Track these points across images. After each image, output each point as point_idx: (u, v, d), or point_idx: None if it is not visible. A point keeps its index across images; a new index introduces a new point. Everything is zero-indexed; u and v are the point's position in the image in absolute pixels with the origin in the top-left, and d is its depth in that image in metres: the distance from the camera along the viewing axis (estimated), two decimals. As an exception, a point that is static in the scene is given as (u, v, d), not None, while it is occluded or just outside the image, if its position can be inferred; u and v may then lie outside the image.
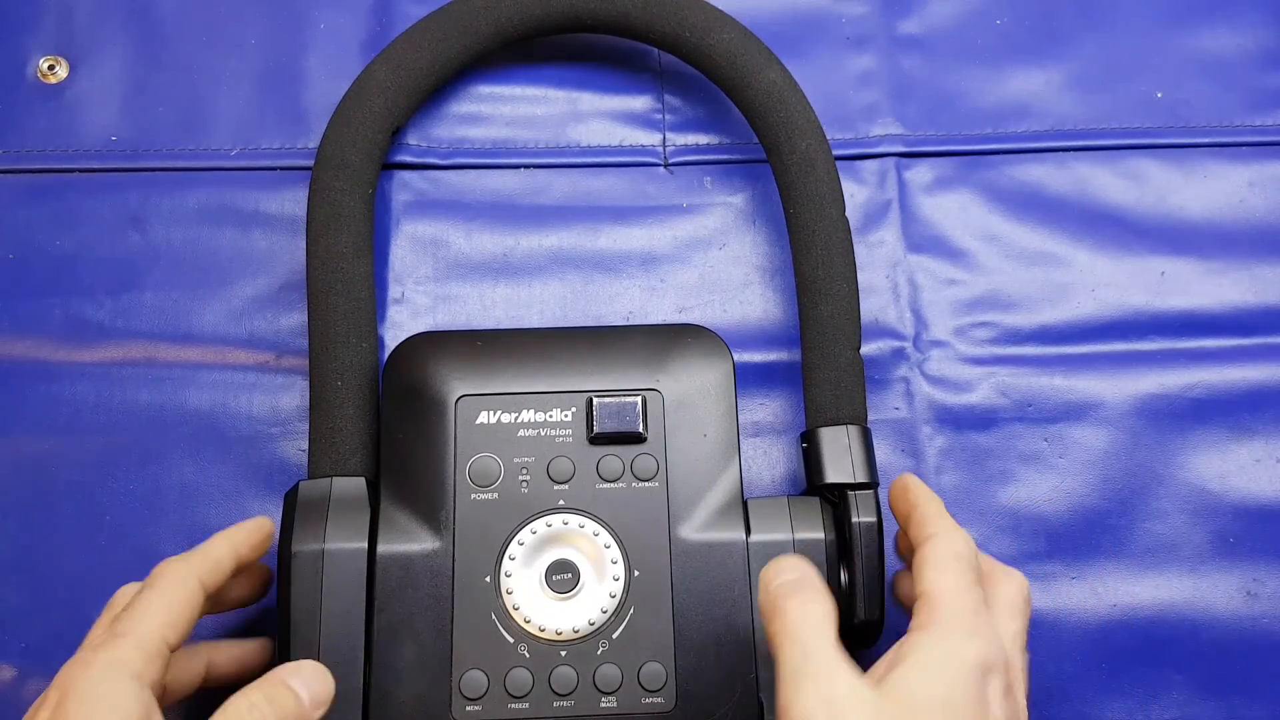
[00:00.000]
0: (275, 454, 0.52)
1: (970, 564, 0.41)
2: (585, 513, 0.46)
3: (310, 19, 0.60)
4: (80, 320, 0.54)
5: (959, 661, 0.37)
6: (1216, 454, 0.53)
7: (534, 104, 0.59)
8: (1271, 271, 0.56)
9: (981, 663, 0.37)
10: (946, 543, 0.42)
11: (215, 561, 0.43)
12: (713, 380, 0.48)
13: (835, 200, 0.51)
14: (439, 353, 0.49)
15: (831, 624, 0.38)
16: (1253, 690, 0.50)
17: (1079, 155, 0.58)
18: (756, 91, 0.53)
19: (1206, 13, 0.61)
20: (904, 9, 0.61)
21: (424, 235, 0.56)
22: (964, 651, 0.37)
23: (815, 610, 0.38)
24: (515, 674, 0.44)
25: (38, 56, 0.58)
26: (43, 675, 0.49)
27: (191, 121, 0.58)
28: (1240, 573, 0.51)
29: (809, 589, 0.39)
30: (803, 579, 0.40)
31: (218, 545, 0.44)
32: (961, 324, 0.55)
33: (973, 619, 0.39)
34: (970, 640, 0.38)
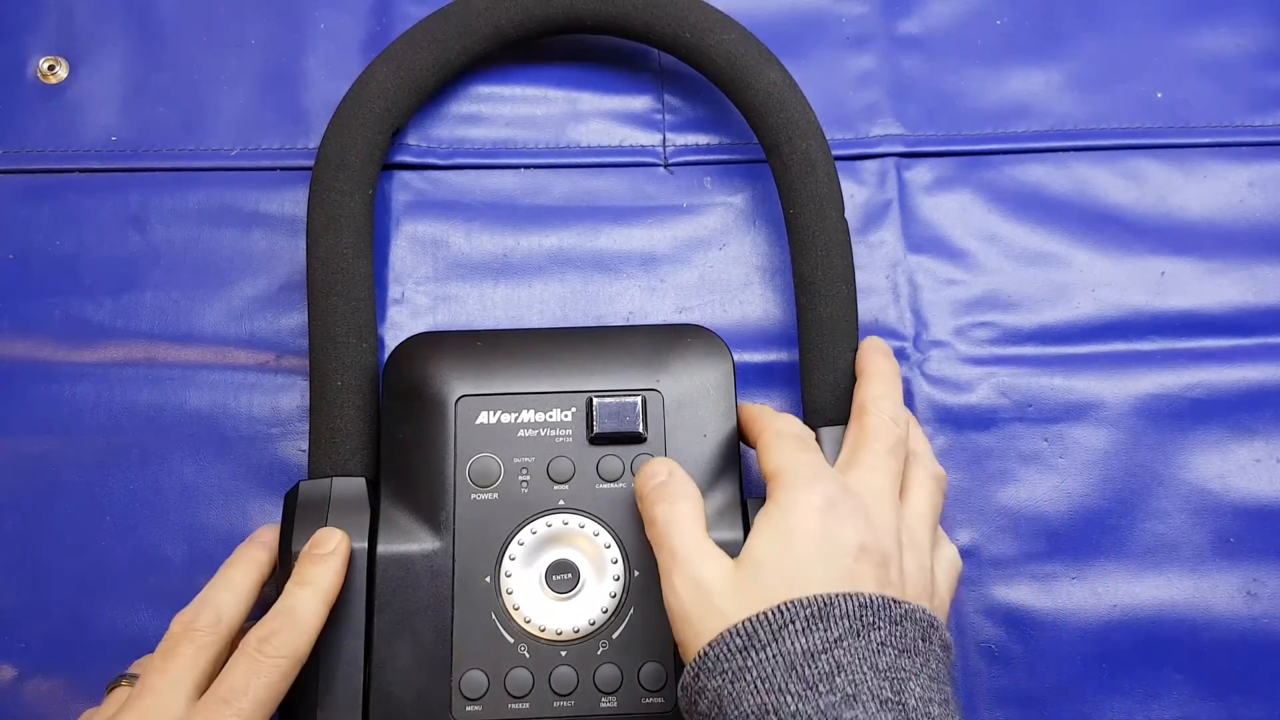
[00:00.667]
0: (275, 454, 0.52)
1: (794, 435, 0.44)
2: (585, 513, 0.46)
3: (310, 19, 0.60)
4: (80, 320, 0.54)
5: (796, 513, 0.40)
6: (1216, 454, 0.53)
7: (534, 104, 0.59)
8: (1271, 271, 0.56)
9: (818, 505, 0.41)
10: (771, 427, 0.45)
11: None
12: (713, 380, 0.49)
13: (835, 201, 0.51)
14: (439, 353, 0.49)
15: (697, 518, 0.42)
16: (1253, 690, 0.50)
17: (1079, 155, 0.58)
18: (756, 92, 0.53)
19: (1206, 13, 0.61)
20: (904, 9, 0.61)
21: (424, 235, 0.56)
22: (799, 503, 0.41)
23: (681, 508, 0.42)
24: (515, 674, 0.44)
25: (38, 56, 0.58)
26: (43, 675, 0.49)
27: (191, 121, 0.58)
28: (1240, 573, 0.51)
29: (673, 488, 0.43)
30: (669, 480, 0.43)
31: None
32: (961, 324, 0.55)
33: (806, 475, 0.42)
34: (804, 492, 0.41)
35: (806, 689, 0.36)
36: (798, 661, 0.37)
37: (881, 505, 0.42)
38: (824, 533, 0.40)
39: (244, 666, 0.40)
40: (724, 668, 0.38)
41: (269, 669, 0.40)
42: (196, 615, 0.42)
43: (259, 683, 0.40)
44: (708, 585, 0.39)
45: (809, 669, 0.37)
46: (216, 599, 0.43)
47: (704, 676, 0.38)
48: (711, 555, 0.40)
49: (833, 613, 0.38)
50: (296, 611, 0.42)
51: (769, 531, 0.40)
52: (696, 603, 0.39)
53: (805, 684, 0.36)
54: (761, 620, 0.38)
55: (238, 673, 0.40)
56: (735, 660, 0.37)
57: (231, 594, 0.44)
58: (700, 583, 0.40)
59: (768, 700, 0.36)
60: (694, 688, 0.39)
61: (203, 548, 0.51)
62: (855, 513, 0.41)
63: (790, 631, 0.37)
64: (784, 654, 0.37)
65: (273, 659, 0.41)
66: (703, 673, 0.38)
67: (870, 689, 0.36)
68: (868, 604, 0.38)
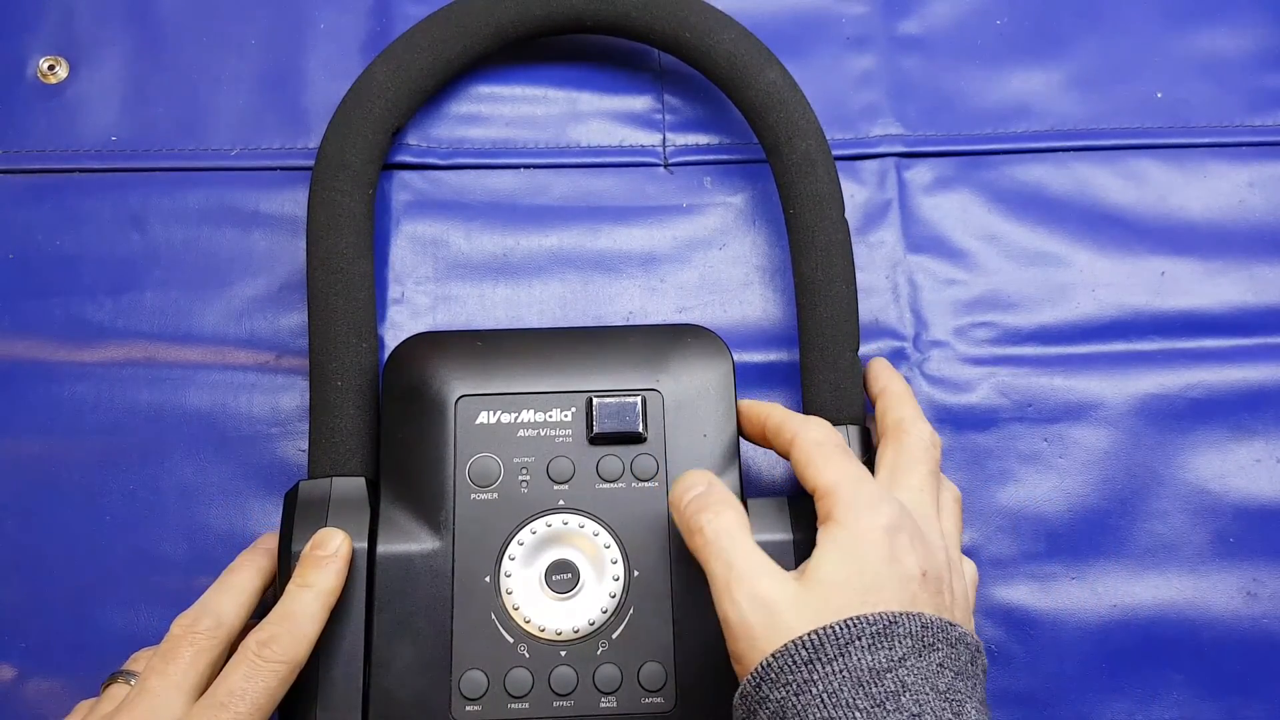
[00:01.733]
0: (275, 454, 0.52)
1: (837, 445, 0.44)
2: (585, 513, 0.46)
3: (310, 19, 0.60)
4: (80, 320, 0.54)
5: (863, 534, 0.40)
6: (1216, 454, 0.53)
7: (534, 104, 0.59)
8: (1271, 271, 0.56)
9: (884, 526, 0.40)
10: (807, 436, 0.44)
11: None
12: (713, 380, 0.48)
13: (835, 201, 0.51)
14: (439, 353, 0.49)
15: (745, 529, 0.41)
16: (1253, 690, 0.50)
17: (1079, 155, 0.58)
18: (756, 92, 0.53)
19: (1206, 13, 0.61)
20: (904, 9, 0.61)
21: (424, 235, 0.56)
22: (864, 524, 0.40)
23: (729, 519, 0.41)
24: (515, 674, 0.44)
25: (38, 56, 0.58)
26: (43, 675, 0.49)
27: (191, 121, 0.58)
28: (1240, 573, 0.51)
29: (717, 500, 0.42)
30: (709, 490, 0.43)
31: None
32: (961, 324, 0.55)
33: (869, 495, 0.41)
34: (869, 514, 0.41)
35: (874, 706, 0.36)
36: (864, 678, 0.37)
37: (932, 529, 0.43)
38: (890, 555, 0.40)
39: (242, 670, 0.40)
40: (788, 679, 0.37)
41: (267, 673, 0.41)
42: (197, 619, 0.42)
43: (257, 686, 0.40)
44: (772, 600, 0.39)
45: (875, 686, 0.37)
46: (217, 603, 0.43)
47: (766, 687, 0.38)
48: (771, 569, 0.40)
49: (897, 631, 0.38)
50: (296, 615, 0.42)
51: (835, 551, 0.40)
52: (758, 616, 0.39)
53: (872, 701, 0.36)
54: (828, 633, 0.37)
55: (236, 676, 0.40)
56: (800, 673, 0.37)
57: (232, 599, 0.44)
58: (762, 597, 0.39)
59: (835, 715, 0.36)
60: (755, 697, 0.38)
61: (203, 548, 0.51)
62: (916, 537, 0.41)
63: (856, 647, 0.37)
64: (851, 669, 0.37)
65: (271, 663, 0.41)
66: (765, 683, 0.38)
67: (933, 710, 0.36)
68: (929, 625, 0.38)
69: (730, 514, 0.42)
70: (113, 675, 0.44)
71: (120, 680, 0.43)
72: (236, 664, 0.41)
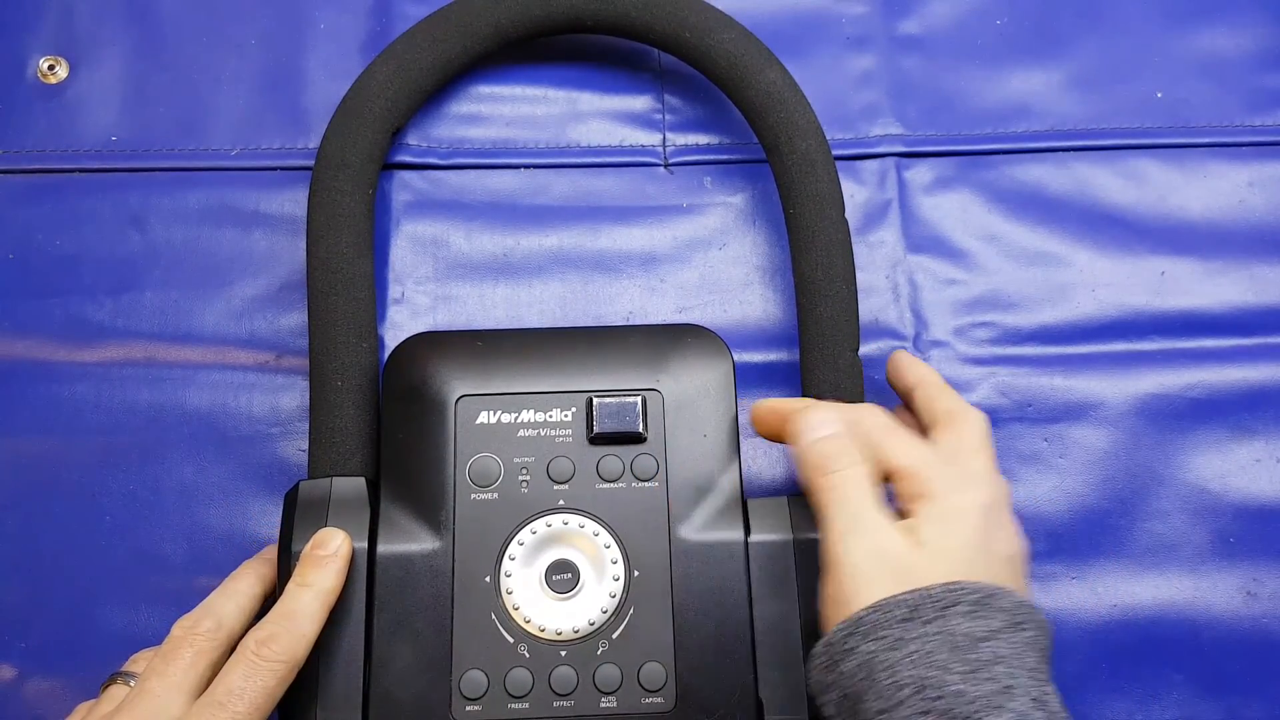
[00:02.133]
0: (275, 454, 0.52)
1: (898, 427, 0.45)
2: (585, 513, 0.46)
3: (310, 19, 0.60)
4: (80, 320, 0.54)
5: (962, 511, 0.42)
6: (1216, 454, 0.53)
7: (534, 104, 0.59)
8: (1271, 271, 0.56)
9: (981, 505, 0.42)
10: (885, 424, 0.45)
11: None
12: (713, 380, 0.48)
13: (835, 200, 0.51)
14: (439, 353, 0.49)
15: (873, 484, 0.43)
16: (1253, 690, 0.50)
17: (1079, 155, 0.58)
18: (756, 92, 0.53)
19: (1206, 13, 0.61)
20: (904, 9, 0.61)
21: (424, 235, 0.56)
22: (963, 502, 0.42)
23: (859, 473, 0.43)
24: (515, 674, 0.44)
25: (38, 56, 0.58)
26: (43, 675, 0.49)
27: (191, 121, 0.58)
28: (1240, 573, 0.51)
29: (847, 451, 0.43)
30: (839, 436, 0.44)
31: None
32: (961, 324, 0.55)
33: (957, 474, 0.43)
34: (965, 492, 0.42)
35: (969, 672, 0.37)
36: (960, 643, 0.38)
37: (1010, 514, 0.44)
38: (985, 533, 0.42)
39: (241, 669, 0.40)
40: (881, 634, 0.38)
41: (266, 672, 0.41)
42: (197, 620, 0.43)
43: (255, 685, 0.40)
44: (888, 555, 0.40)
45: (971, 653, 0.37)
46: (219, 606, 0.44)
47: (856, 639, 0.39)
48: (892, 527, 0.41)
49: (995, 604, 0.39)
50: (296, 615, 0.42)
51: (938, 524, 0.41)
52: (868, 567, 0.40)
53: (967, 666, 0.37)
54: (926, 596, 0.38)
55: (235, 675, 0.40)
56: (895, 630, 0.38)
57: (234, 603, 0.44)
58: (880, 551, 0.40)
59: (929, 675, 0.37)
60: (841, 647, 0.39)
61: (202, 547, 0.51)
62: (1005, 521, 0.43)
63: (955, 613, 0.38)
64: (948, 633, 0.38)
65: (270, 662, 0.41)
66: (855, 634, 0.39)
67: (1024, 685, 0.37)
68: (1020, 604, 0.40)
69: (862, 468, 0.43)
70: (112, 676, 0.44)
71: (120, 681, 0.43)
72: (235, 663, 0.41)
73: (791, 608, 0.45)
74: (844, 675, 0.39)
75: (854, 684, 0.39)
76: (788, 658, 0.45)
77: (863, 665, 0.38)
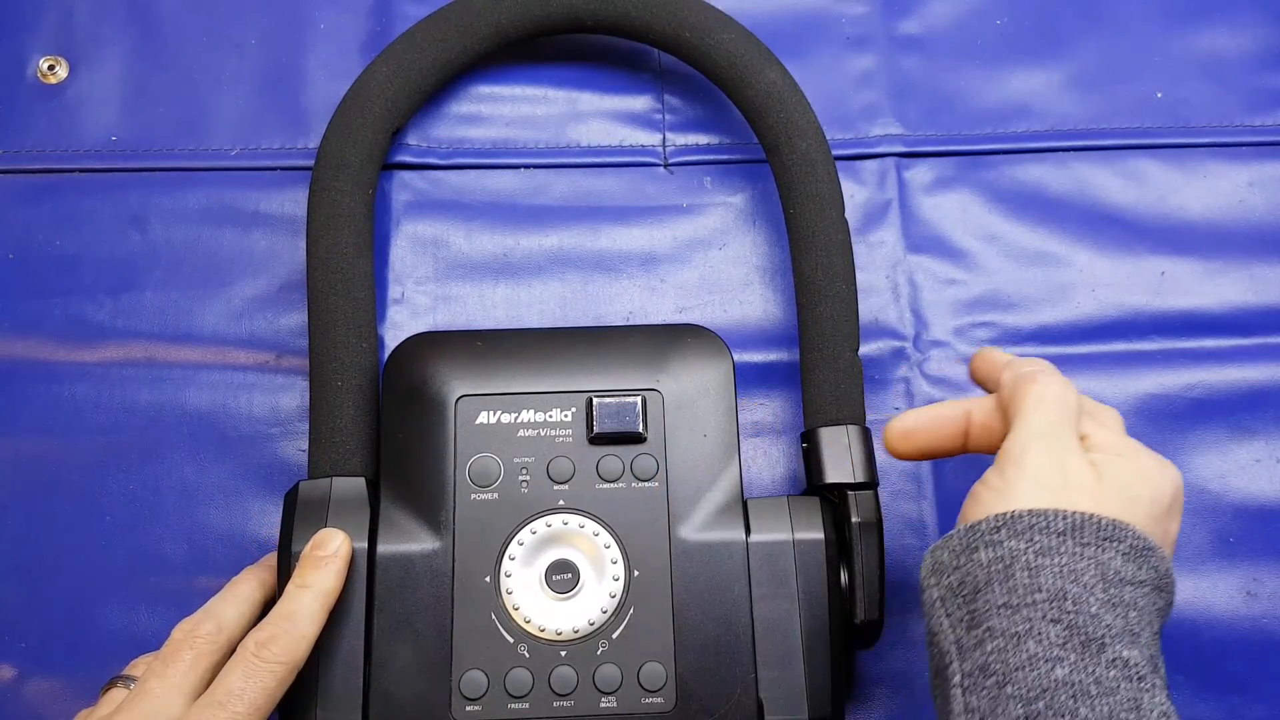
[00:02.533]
0: (275, 454, 0.52)
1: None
2: (585, 513, 0.46)
3: (310, 19, 0.60)
4: (80, 320, 0.54)
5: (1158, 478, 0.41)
6: (1216, 454, 0.53)
7: (534, 104, 0.59)
8: (1271, 271, 0.56)
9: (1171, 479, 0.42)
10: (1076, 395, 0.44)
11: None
12: (713, 380, 0.48)
13: (835, 201, 0.51)
14: (439, 353, 0.49)
15: (1078, 410, 0.42)
16: (1253, 690, 0.50)
17: (1079, 155, 0.58)
18: (756, 92, 0.53)
19: (1206, 13, 0.61)
20: (904, 9, 0.61)
21: (424, 235, 0.56)
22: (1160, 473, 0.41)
23: (1070, 394, 0.42)
24: (515, 674, 0.44)
25: (38, 56, 0.58)
26: (43, 675, 0.49)
27: (191, 121, 0.58)
28: (1240, 573, 0.51)
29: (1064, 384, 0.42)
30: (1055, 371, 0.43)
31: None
32: (961, 324, 0.55)
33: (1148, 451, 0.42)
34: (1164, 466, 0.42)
35: (1108, 604, 0.37)
36: (1109, 575, 0.37)
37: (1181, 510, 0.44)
38: (1172, 507, 0.41)
39: (241, 670, 0.40)
40: (1034, 537, 0.38)
41: (265, 673, 0.41)
42: (198, 623, 0.43)
43: (255, 686, 0.40)
44: (1070, 473, 0.39)
45: (1115, 589, 0.37)
46: (220, 610, 0.44)
47: (1005, 532, 0.38)
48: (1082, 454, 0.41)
49: (1151, 559, 0.38)
50: (295, 616, 0.42)
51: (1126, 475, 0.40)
52: (1048, 474, 0.39)
53: (1108, 599, 0.37)
54: (1091, 521, 0.38)
55: (234, 676, 0.40)
56: (1049, 539, 0.37)
57: (235, 607, 0.44)
58: (1064, 466, 0.40)
59: (1069, 589, 0.36)
60: (986, 537, 0.38)
61: (202, 547, 0.51)
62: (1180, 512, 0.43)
63: (1112, 548, 0.38)
64: (1100, 563, 0.37)
65: (270, 663, 0.41)
66: (1005, 528, 0.38)
67: (1145, 641, 0.37)
68: (1170, 571, 0.39)
69: (1073, 393, 0.42)
70: (112, 680, 0.44)
71: (119, 685, 0.43)
72: (235, 664, 0.41)
73: (791, 608, 0.45)
74: (975, 563, 0.38)
75: (984, 573, 0.38)
76: (788, 658, 0.45)
77: (1002, 558, 0.38)
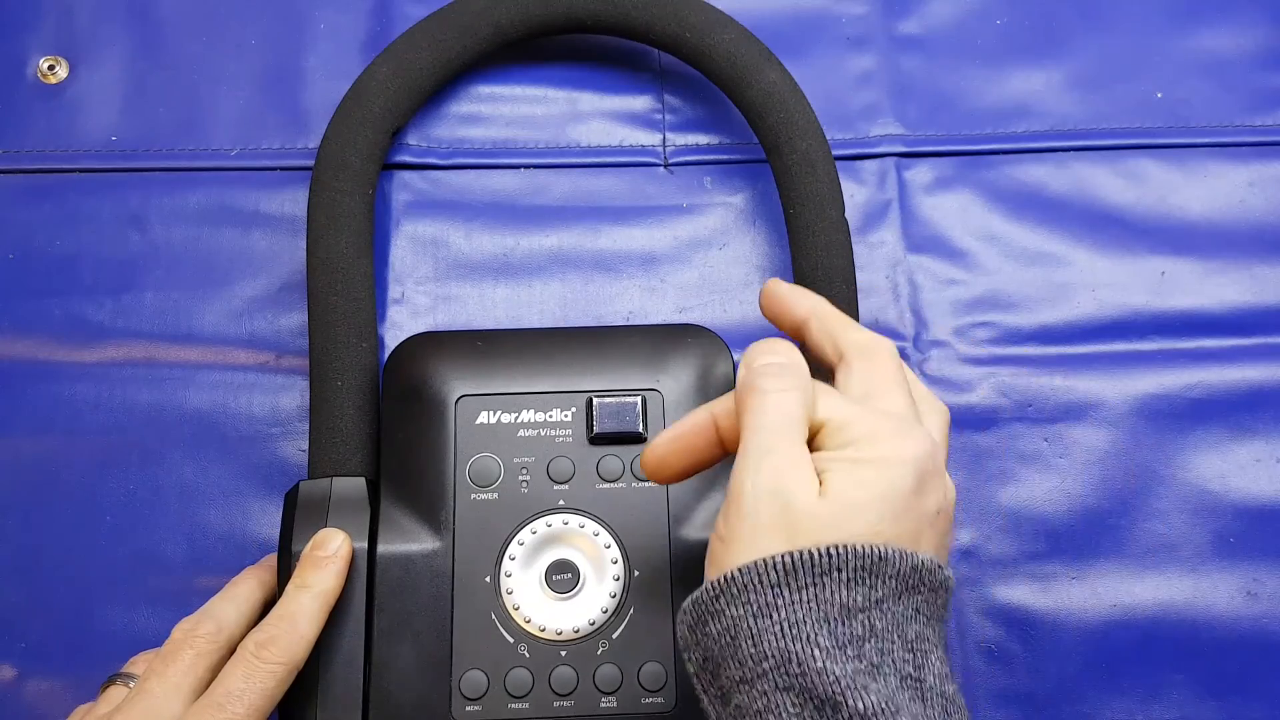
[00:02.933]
0: (275, 454, 0.52)
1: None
2: (585, 513, 0.46)
3: (310, 19, 0.60)
4: (80, 320, 0.54)
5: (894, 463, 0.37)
6: (1216, 454, 0.53)
7: (534, 104, 0.59)
8: (1271, 271, 0.56)
9: (915, 458, 0.37)
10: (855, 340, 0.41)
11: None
12: (713, 380, 0.49)
13: (835, 201, 0.51)
14: (439, 353, 0.49)
15: (805, 418, 0.38)
16: (1253, 690, 0.50)
17: (1079, 155, 0.58)
18: (756, 91, 0.53)
19: (1206, 13, 0.61)
20: (904, 9, 0.61)
21: (424, 235, 0.56)
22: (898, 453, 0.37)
23: (792, 399, 0.38)
24: (515, 674, 0.44)
25: (38, 56, 0.58)
26: (43, 675, 0.49)
27: (191, 121, 0.58)
28: (1240, 573, 0.51)
29: (791, 375, 0.38)
30: (788, 364, 0.39)
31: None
32: (961, 324, 0.55)
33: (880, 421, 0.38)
34: (909, 441, 0.37)
35: (835, 647, 0.34)
36: (832, 614, 0.34)
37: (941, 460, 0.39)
38: (916, 489, 0.37)
39: (240, 671, 0.40)
40: (749, 599, 0.35)
41: (265, 674, 0.41)
42: (198, 623, 0.43)
43: (254, 687, 0.40)
44: (790, 500, 0.36)
45: (842, 626, 0.34)
46: (220, 610, 0.44)
47: (724, 600, 0.35)
48: (806, 469, 0.37)
49: (884, 571, 0.35)
50: (295, 617, 0.42)
51: (855, 474, 0.37)
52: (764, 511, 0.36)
53: (835, 641, 0.34)
54: (804, 559, 0.35)
55: (234, 677, 0.40)
56: (765, 594, 0.35)
57: (235, 607, 0.44)
58: (782, 492, 0.36)
59: (793, 649, 0.34)
60: (710, 609, 0.36)
61: (203, 548, 0.51)
62: (939, 472, 0.39)
63: (833, 580, 0.35)
64: (820, 602, 0.34)
65: (269, 664, 0.41)
66: (724, 596, 0.35)
67: (894, 661, 0.34)
68: (919, 567, 0.36)
69: (798, 396, 0.38)
70: (111, 678, 0.44)
71: (119, 683, 0.43)
72: (235, 665, 0.41)
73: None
74: (709, 637, 0.36)
75: (717, 648, 0.35)
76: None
77: (728, 629, 0.35)
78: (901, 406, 0.40)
